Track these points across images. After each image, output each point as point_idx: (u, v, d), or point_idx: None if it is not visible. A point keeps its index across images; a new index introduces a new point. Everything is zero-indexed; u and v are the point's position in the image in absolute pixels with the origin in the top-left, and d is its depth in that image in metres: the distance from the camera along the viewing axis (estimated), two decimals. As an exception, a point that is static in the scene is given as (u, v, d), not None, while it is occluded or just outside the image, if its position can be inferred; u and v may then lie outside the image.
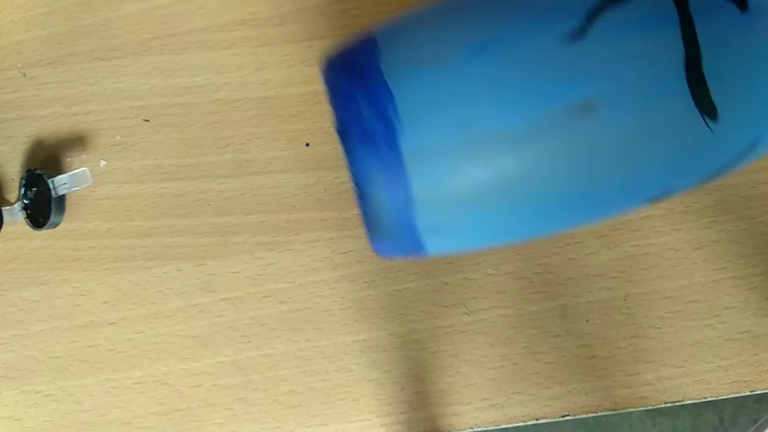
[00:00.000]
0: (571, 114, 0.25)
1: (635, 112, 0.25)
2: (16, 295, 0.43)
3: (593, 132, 0.25)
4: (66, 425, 0.42)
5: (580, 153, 0.26)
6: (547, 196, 0.27)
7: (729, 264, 0.40)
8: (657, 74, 0.25)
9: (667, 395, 0.40)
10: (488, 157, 0.25)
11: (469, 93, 0.25)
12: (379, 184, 0.26)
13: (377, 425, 0.40)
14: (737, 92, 0.26)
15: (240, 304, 0.42)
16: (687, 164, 0.27)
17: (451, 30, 0.26)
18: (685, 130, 0.26)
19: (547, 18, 0.25)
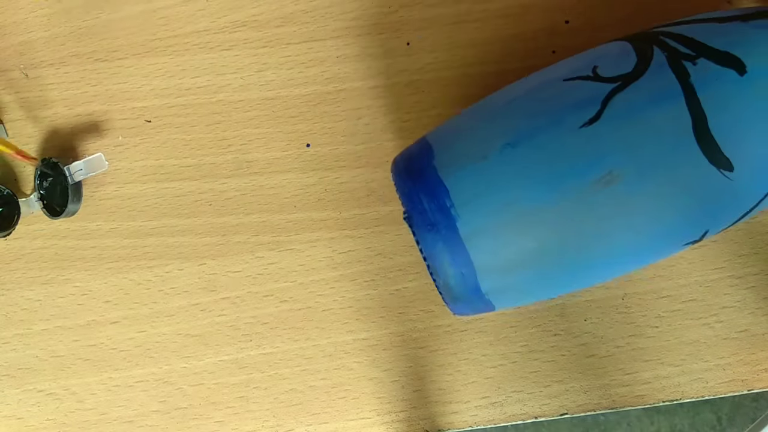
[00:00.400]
0: (596, 186, 0.29)
1: (654, 176, 0.29)
2: (19, 295, 0.43)
3: (619, 198, 0.29)
4: (68, 424, 0.42)
5: (612, 216, 0.30)
6: (589, 254, 0.30)
7: (726, 263, 0.41)
8: (668, 141, 0.29)
9: (665, 394, 0.40)
10: (529, 230, 0.30)
11: (507, 180, 0.30)
12: (446, 262, 0.31)
13: (377, 423, 0.41)
14: (746, 144, 0.29)
15: (241, 303, 0.42)
16: (716, 211, 0.31)
17: (489, 131, 0.31)
18: (706, 183, 0.29)
19: (567, 110, 0.30)
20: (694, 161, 0.29)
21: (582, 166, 0.29)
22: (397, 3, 0.43)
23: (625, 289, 0.41)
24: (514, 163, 0.30)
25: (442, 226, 0.30)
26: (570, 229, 0.30)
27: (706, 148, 0.29)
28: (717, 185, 0.30)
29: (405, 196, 0.32)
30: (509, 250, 0.30)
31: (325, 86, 0.43)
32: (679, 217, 0.30)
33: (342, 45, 0.42)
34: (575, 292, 0.41)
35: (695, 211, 0.30)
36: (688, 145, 0.29)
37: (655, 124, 0.29)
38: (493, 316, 0.41)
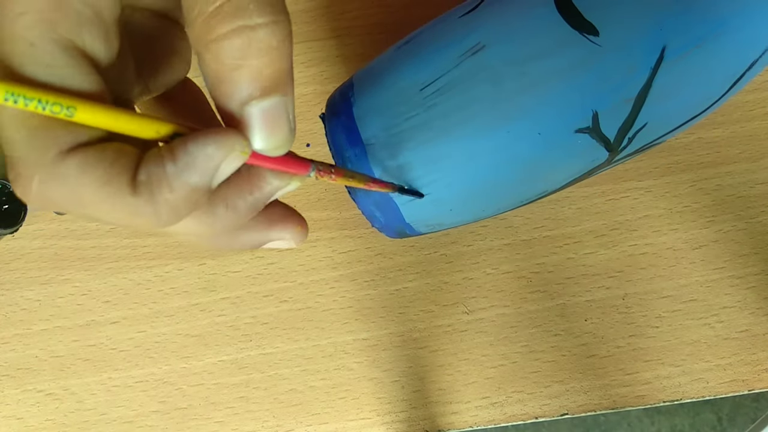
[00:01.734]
0: (466, 56, 0.31)
1: (516, 43, 0.31)
2: (19, 295, 0.43)
3: (487, 64, 0.31)
4: (68, 424, 0.42)
5: (485, 87, 0.31)
6: (475, 134, 0.32)
7: (727, 263, 0.41)
8: (530, 11, 0.31)
9: (666, 394, 0.40)
10: (412, 104, 0.32)
11: (396, 67, 0.33)
12: (344, 144, 0.33)
13: (377, 423, 0.41)
14: (607, 7, 0.30)
15: (241, 303, 0.42)
16: (595, 84, 0.31)
17: (395, 43, 0.35)
18: (573, 49, 0.30)
19: (454, 9, 0.34)
20: (555, 27, 0.30)
21: (455, 42, 0.32)
22: (397, 3, 0.43)
23: (625, 289, 0.41)
24: (405, 53, 0.33)
25: (341, 112, 0.34)
26: (446, 103, 0.31)
27: (567, 15, 0.30)
28: (585, 51, 0.30)
29: (327, 103, 0.36)
30: (394, 127, 0.32)
31: (325, 86, 0.43)
32: (553, 89, 0.31)
33: (342, 45, 0.42)
34: (574, 292, 0.41)
35: (569, 80, 0.31)
36: (549, 12, 0.31)
37: (520, 1, 0.32)
38: (494, 316, 0.41)
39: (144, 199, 0.19)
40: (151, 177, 0.19)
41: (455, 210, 0.34)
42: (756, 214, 0.41)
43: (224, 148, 0.19)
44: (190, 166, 0.19)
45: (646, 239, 0.41)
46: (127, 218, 0.19)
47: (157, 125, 0.19)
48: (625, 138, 0.33)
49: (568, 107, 0.31)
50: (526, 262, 0.41)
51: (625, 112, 0.31)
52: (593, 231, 0.41)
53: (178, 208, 0.19)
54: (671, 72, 0.31)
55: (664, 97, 0.32)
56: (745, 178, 0.41)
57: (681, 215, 0.41)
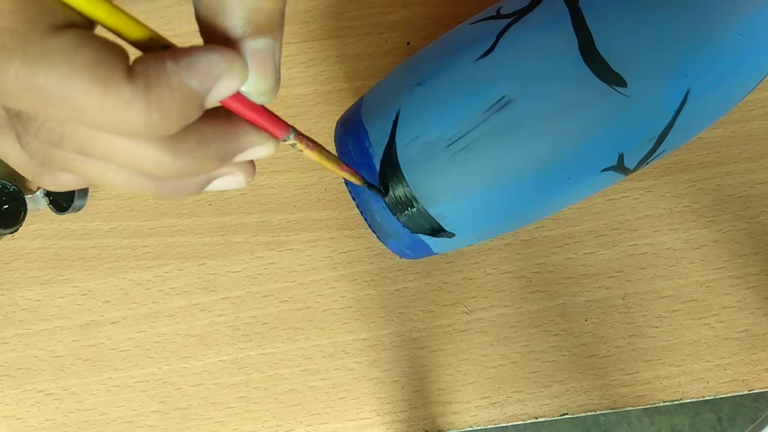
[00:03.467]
0: (491, 112, 0.31)
1: (544, 96, 0.30)
2: (19, 295, 0.43)
3: (515, 121, 0.30)
4: (68, 424, 0.42)
5: (514, 141, 0.31)
6: (501, 184, 0.32)
7: (727, 263, 0.41)
8: (555, 62, 0.30)
9: (666, 394, 0.40)
10: (437, 161, 0.31)
11: (416, 116, 0.32)
12: (369, 198, 0.33)
13: (377, 423, 0.41)
14: (634, 58, 0.30)
15: (241, 303, 0.42)
16: (621, 130, 0.31)
17: (404, 77, 0.34)
18: (601, 100, 0.30)
19: (467, 47, 0.32)
20: (582, 79, 0.30)
21: (476, 94, 0.31)
22: (397, 3, 0.43)
23: (625, 289, 0.41)
24: (422, 99, 0.32)
25: (362, 165, 0.33)
26: (476, 159, 0.31)
27: (594, 66, 0.30)
28: (613, 102, 0.30)
29: (337, 144, 0.35)
30: (423, 183, 0.32)
31: (325, 86, 0.43)
32: (583, 138, 0.31)
33: (342, 45, 0.42)
34: (575, 292, 0.41)
35: (597, 130, 0.31)
36: (574, 63, 0.30)
37: (542, 48, 0.31)
38: (494, 316, 0.41)
39: (140, 88, 0.17)
40: (149, 70, 0.18)
41: (481, 238, 0.35)
42: (756, 214, 0.41)
43: (227, 60, 0.19)
44: (191, 68, 0.18)
45: (646, 239, 0.41)
46: (114, 111, 0.17)
47: (150, 32, 0.19)
48: (642, 164, 0.34)
49: (597, 153, 0.32)
50: (526, 262, 0.41)
51: (648, 147, 0.32)
52: (593, 231, 0.41)
53: (171, 112, 0.18)
54: (693, 110, 0.31)
55: (685, 129, 0.32)
56: (745, 178, 0.41)
57: (681, 215, 0.41)
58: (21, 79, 0.17)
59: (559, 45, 0.30)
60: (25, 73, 0.17)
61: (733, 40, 0.30)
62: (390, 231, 0.34)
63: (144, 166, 0.20)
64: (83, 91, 0.17)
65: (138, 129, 0.18)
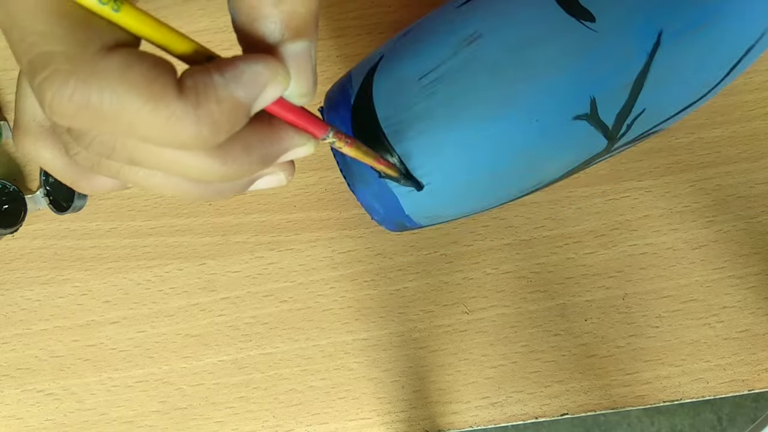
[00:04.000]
0: (462, 45, 0.32)
1: (512, 31, 0.31)
2: (18, 295, 0.43)
3: (483, 54, 0.31)
4: (67, 424, 0.42)
5: (481, 75, 0.31)
6: (473, 121, 0.32)
7: (727, 263, 0.41)
8: (527, 1, 0.31)
9: (666, 394, 0.40)
10: (412, 94, 0.32)
11: (397, 57, 0.33)
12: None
13: (377, 423, 0.41)
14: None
15: (241, 303, 0.42)
16: (592, 69, 0.31)
17: (395, 36, 0.35)
18: (568, 36, 0.30)
19: (450, 2, 0.34)
20: (550, 13, 0.30)
21: (452, 32, 0.32)
22: (397, 3, 0.43)
23: (625, 289, 0.41)
24: (402, 44, 0.33)
25: (340, 105, 0.33)
26: (444, 92, 0.31)
27: (563, 1, 0.30)
28: (581, 38, 0.30)
29: (325, 101, 0.35)
30: (393, 117, 0.32)
31: (325, 86, 0.43)
32: (550, 75, 0.31)
33: (342, 45, 0.42)
34: (574, 292, 0.41)
35: (566, 67, 0.31)
36: (545, 1, 0.31)
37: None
38: (494, 316, 0.41)
39: (190, 104, 0.18)
40: (198, 84, 0.18)
41: (454, 201, 0.35)
42: (756, 214, 0.41)
43: (271, 69, 0.19)
44: (237, 80, 0.19)
45: (646, 239, 0.41)
46: (165, 127, 0.18)
47: (195, 45, 0.19)
48: (623, 124, 0.33)
49: (566, 94, 0.31)
50: (526, 262, 0.41)
51: (623, 97, 0.31)
52: (593, 231, 0.41)
53: (220, 123, 0.19)
54: (668, 57, 0.31)
55: (662, 83, 0.32)
56: (745, 178, 0.41)
57: (681, 215, 0.41)
58: (76, 101, 0.17)
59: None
60: (80, 94, 0.17)
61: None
62: (358, 174, 0.34)
63: (192, 174, 0.20)
64: (136, 109, 0.18)
65: (188, 142, 0.19)
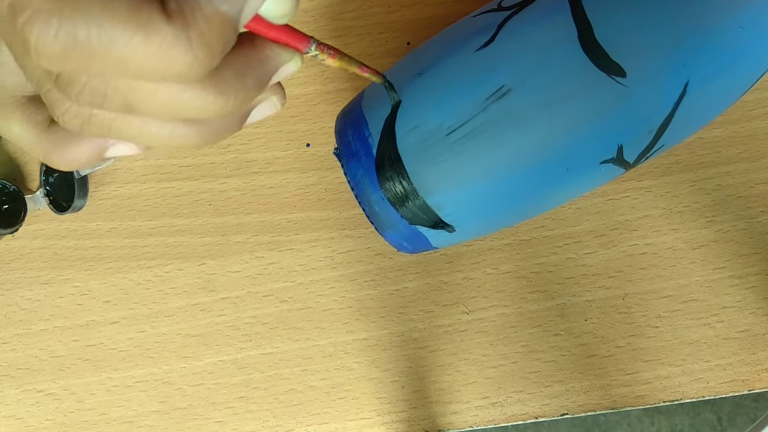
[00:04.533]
0: (491, 101, 0.31)
1: (543, 85, 0.30)
2: (18, 295, 0.43)
3: (514, 110, 0.30)
4: (68, 424, 0.42)
5: (512, 131, 0.31)
6: (501, 174, 0.32)
7: (727, 263, 0.41)
8: (554, 52, 0.30)
9: (666, 394, 0.40)
10: (437, 151, 0.31)
11: (415, 105, 0.32)
12: (368, 188, 0.33)
13: (377, 423, 0.41)
14: (634, 48, 0.30)
15: (241, 303, 0.42)
16: (621, 121, 0.31)
17: (406, 68, 0.34)
18: (600, 90, 0.30)
19: (468, 38, 0.32)
20: (582, 69, 0.30)
21: (476, 83, 0.31)
22: (397, 3, 0.43)
23: (625, 289, 0.41)
24: (421, 89, 0.32)
25: (362, 154, 0.33)
26: (474, 149, 0.31)
27: (594, 56, 0.30)
28: (612, 92, 0.30)
29: (337, 135, 0.35)
30: (421, 173, 0.32)
31: (325, 86, 0.43)
32: (582, 128, 0.31)
33: (342, 45, 0.42)
34: (574, 292, 0.41)
35: (598, 120, 0.31)
36: (574, 53, 0.30)
37: (542, 38, 0.31)
38: (494, 316, 0.41)
39: (179, 26, 0.17)
40: (182, 5, 0.18)
41: (479, 233, 0.35)
42: (756, 214, 0.41)
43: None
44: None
45: (646, 239, 0.41)
46: (159, 56, 0.17)
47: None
48: (642, 159, 0.33)
49: (596, 144, 0.32)
50: (526, 262, 0.41)
51: (648, 140, 0.32)
52: (593, 231, 0.41)
53: (212, 42, 0.18)
54: (693, 102, 0.31)
55: (684, 123, 0.32)
56: (745, 178, 0.41)
57: (681, 215, 0.41)
58: (62, 39, 0.17)
59: (558, 35, 0.30)
60: (65, 32, 0.17)
61: (733, 32, 0.30)
62: (388, 222, 0.34)
63: (189, 111, 0.20)
64: (126, 41, 0.17)
65: (184, 69, 0.18)
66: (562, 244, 0.41)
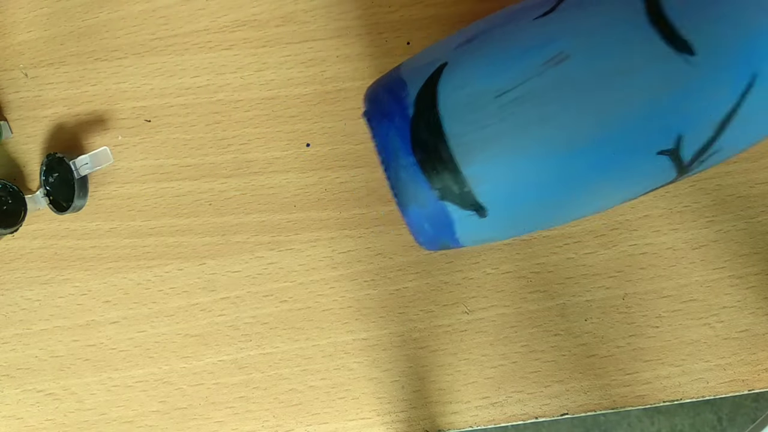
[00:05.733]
0: (547, 66, 0.29)
1: (605, 56, 0.28)
2: (18, 295, 0.43)
3: (572, 77, 0.29)
4: (67, 424, 0.42)
5: (568, 98, 0.29)
6: (551, 149, 0.29)
7: (727, 263, 0.41)
8: (619, 23, 0.29)
9: (666, 394, 0.40)
10: (483, 114, 0.29)
11: (460, 68, 0.30)
12: (399, 149, 0.30)
13: (377, 423, 0.41)
14: (705, 25, 0.28)
15: (241, 303, 0.42)
16: (685, 105, 0.29)
17: (452, 38, 0.32)
18: (664, 67, 0.28)
19: (525, 9, 0.31)
20: (647, 42, 0.28)
21: (533, 47, 0.29)
22: (397, 3, 0.43)
23: (625, 289, 0.41)
24: (470, 53, 0.30)
25: (395, 114, 0.30)
26: (525, 113, 0.29)
27: (661, 30, 0.28)
28: (678, 70, 0.28)
29: (368, 98, 0.32)
30: (462, 137, 0.29)
31: (325, 86, 0.43)
32: (642, 105, 0.29)
33: (342, 45, 0.42)
34: (574, 292, 0.41)
35: (658, 99, 0.29)
36: (640, 25, 0.28)
37: (606, 8, 0.29)
38: (494, 316, 0.41)
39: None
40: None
41: (510, 228, 0.32)
42: (756, 213, 0.41)
43: None
44: None
45: (646, 239, 0.41)
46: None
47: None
48: (697, 161, 0.31)
49: (654, 126, 0.29)
50: (526, 262, 0.41)
51: (708, 135, 0.30)
52: (593, 231, 0.41)
53: None
54: (757, 99, 0.30)
55: (746, 123, 0.30)
56: (745, 178, 0.41)
57: (681, 215, 0.41)
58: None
59: (624, 6, 0.29)
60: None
61: None
62: (414, 194, 0.30)
63: None
64: None
65: None
66: (562, 244, 0.41)
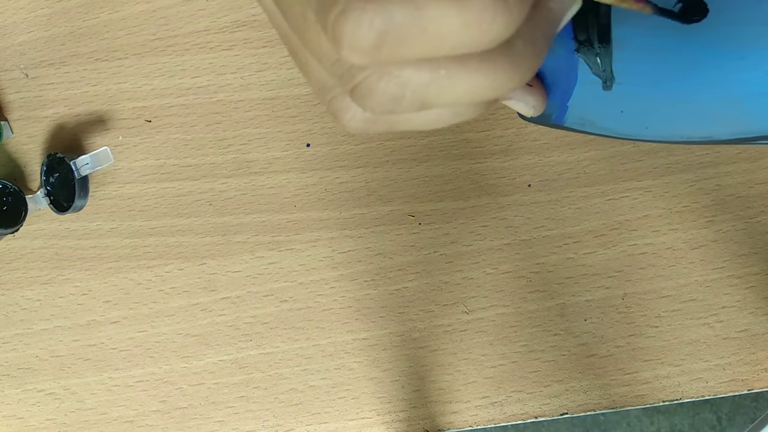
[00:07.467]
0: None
1: None
2: (19, 294, 0.43)
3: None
4: (68, 423, 0.42)
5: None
6: (717, 38, 0.26)
7: (726, 263, 0.41)
8: None
9: (665, 394, 0.40)
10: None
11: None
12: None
13: (377, 423, 0.41)
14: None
15: (241, 303, 0.42)
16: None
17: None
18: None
19: None
20: None
21: None
22: (397, 3, 0.43)
23: (625, 289, 0.41)
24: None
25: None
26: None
27: None
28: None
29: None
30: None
31: (325, 86, 0.43)
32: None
33: (342, 45, 0.42)
34: (574, 292, 0.41)
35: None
36: None
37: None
38: (493, 316, 0.41)
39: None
40: None
41: (622, 115, 0.30)
42: (756, 214, 0.41)
43: None
44: None
45: (646, 239, 0.41)
46: (475, 25, 0.16)
47: None
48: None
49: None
50: (526, 262, 0.41)
51: None
52: (593, 231, 0.41)
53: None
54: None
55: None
56: (744, 178, 0.41)
57: (680, 215, 0.41)
58: (377, 25, 0.16)
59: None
60: (380, 18, 0.16)
61: None
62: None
63: (485, 93, 0.19)
64: (441, 15, 0.16)
65: (501, 32, 0.17)
66: (562, 244, 0.41)
